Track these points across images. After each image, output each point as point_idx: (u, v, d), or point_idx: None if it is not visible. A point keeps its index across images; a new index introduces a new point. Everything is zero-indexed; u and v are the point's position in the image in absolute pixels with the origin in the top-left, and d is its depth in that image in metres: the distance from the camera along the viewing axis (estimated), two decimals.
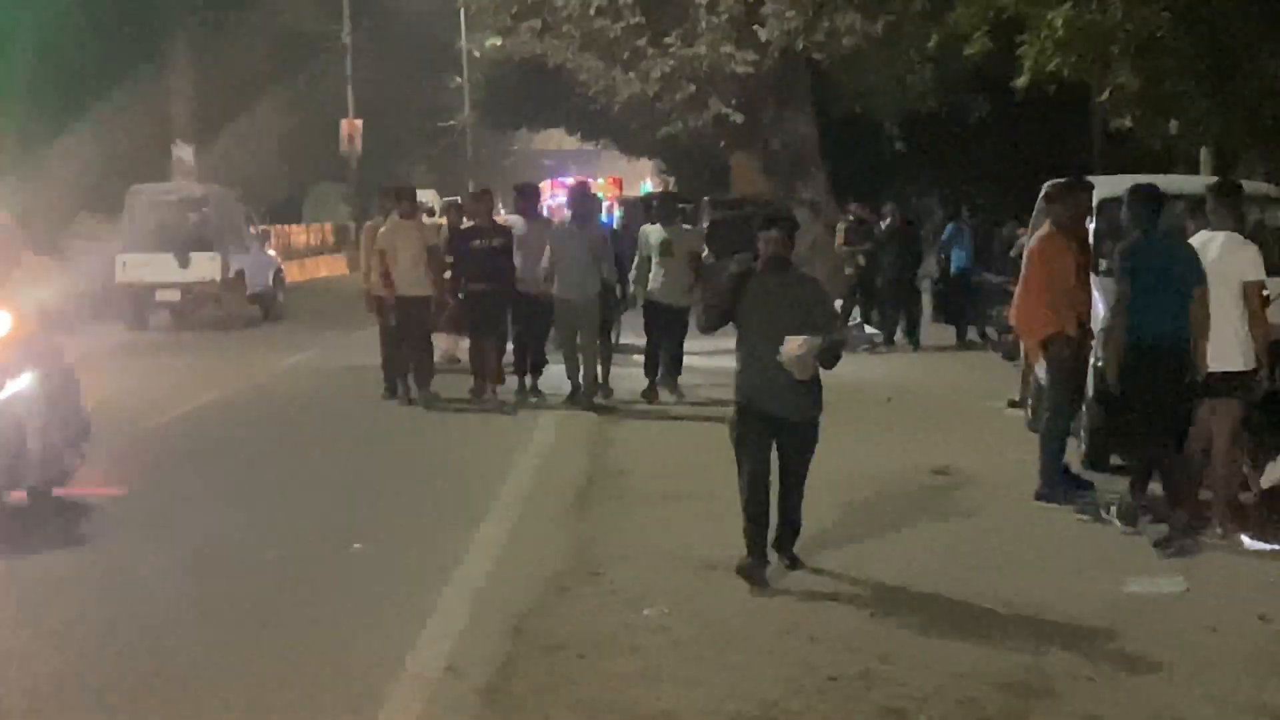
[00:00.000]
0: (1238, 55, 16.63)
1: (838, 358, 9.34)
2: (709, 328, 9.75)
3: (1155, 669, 7.73)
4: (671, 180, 60.91)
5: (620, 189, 61.32)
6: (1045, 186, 13.15)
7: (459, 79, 69.01)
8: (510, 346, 18.08)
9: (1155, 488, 10.99)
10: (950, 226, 24.67)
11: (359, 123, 52.07)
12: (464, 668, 7.71)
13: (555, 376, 17.46)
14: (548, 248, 16.65)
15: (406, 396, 17.43)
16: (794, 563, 9.64)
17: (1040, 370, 12.99)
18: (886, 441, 14.73)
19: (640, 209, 27.31)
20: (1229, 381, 10.75)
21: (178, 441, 15.58)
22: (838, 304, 24.90)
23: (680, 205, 21.79)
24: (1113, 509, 11.15)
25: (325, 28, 53.28)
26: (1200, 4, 16.46)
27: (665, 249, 17.26)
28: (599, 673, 7.66)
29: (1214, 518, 10.78)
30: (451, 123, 70.80)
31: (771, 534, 9.46)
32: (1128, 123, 18.95)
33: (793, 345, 8.99)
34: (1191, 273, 10.76)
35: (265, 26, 54.51)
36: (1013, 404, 16.56)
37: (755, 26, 26.70)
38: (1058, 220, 12.09)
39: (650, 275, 17.40)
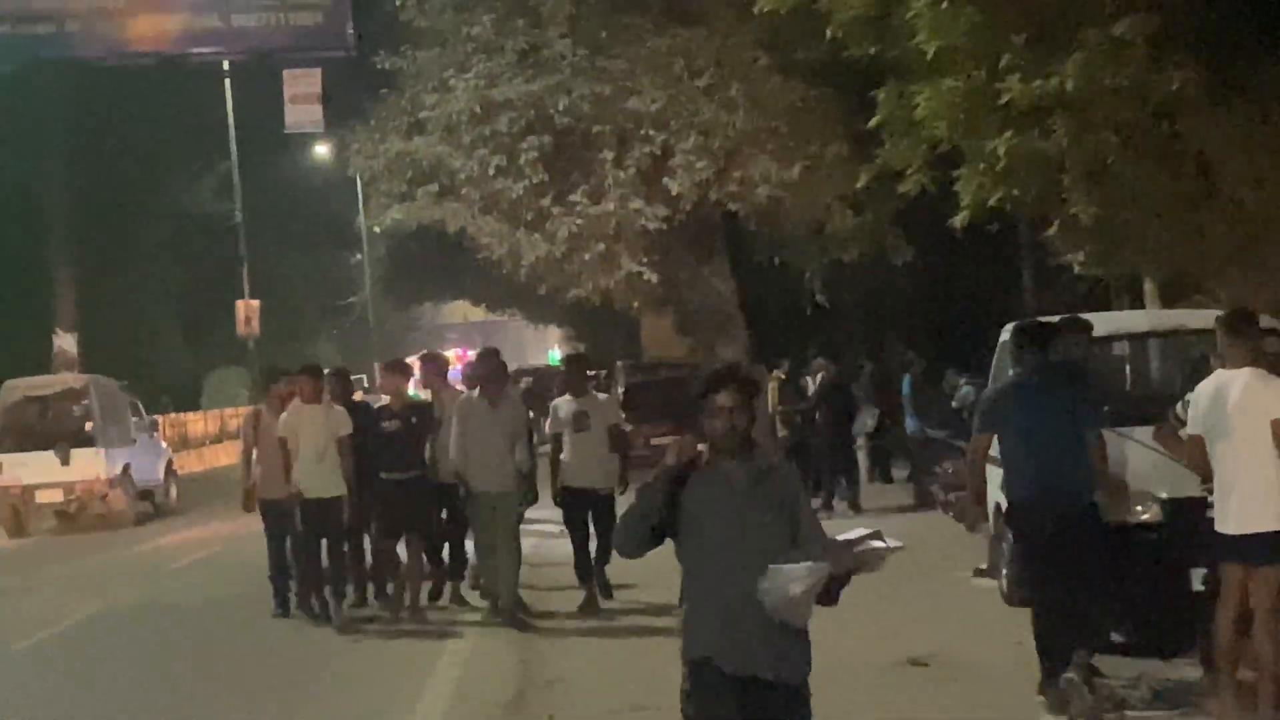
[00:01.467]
0: (1206, 177, 15.23)
1: (843, 585, 6.50)
2: (633, 549, 6.49)
3: None
4: (581, 347, 59.72)
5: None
6: (1016, 329, 11.54)
7: (359, 255, 67.68)
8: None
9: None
10: (907, 379, 23.19)
11: (256, 303, 50.23)
12: None
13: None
14: (453, 428, 14.38)
15: (325, 613, 15.03)
16: None
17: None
18: (845, 623, 12.91)
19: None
20: (1267, 543, 9.13)
21: (52, 664, 14.11)
22: None
23: (591, 373, 20.19)
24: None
25: (220, 207, 52.09)
26: (1158, 123, 15.06)
27: (579, 422, 15.00)
28: None
29: (1262, 701, 9.13)
30: (353, 299, 69.34)
31: None
32: (1080, 258, 17.51)
33: (791, 582, 6.21)
34: (1086, 415, 10.00)
35: (160, 207, 53.37)
36: (980, 572, 14.91)
37: (665, 180, 25.21)
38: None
39: (564, 456, 15.08)
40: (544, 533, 18.54)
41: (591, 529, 14.90)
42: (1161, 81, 14.52)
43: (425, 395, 16.13)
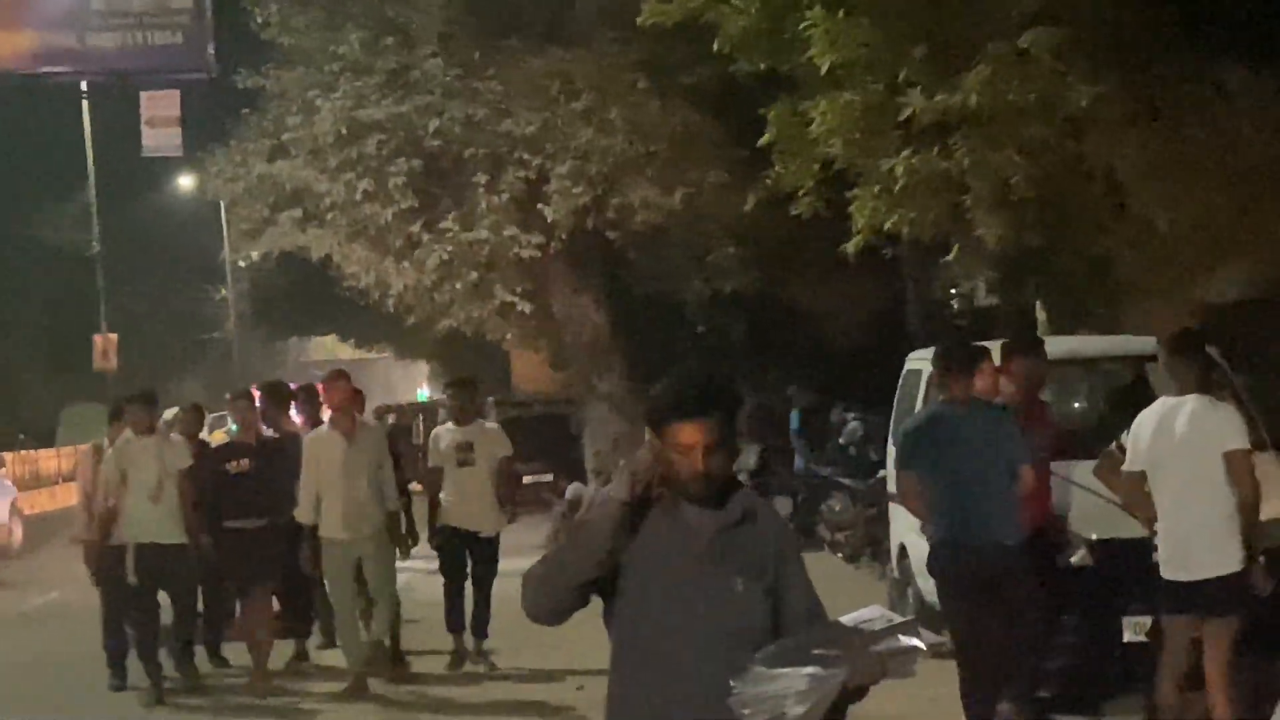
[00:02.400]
0: (1116, 198, 14.38)
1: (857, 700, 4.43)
2: (550, 612, 4.54)
3: None
4: (459, 376, 58.45)
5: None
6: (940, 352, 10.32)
7: (224, 290, 66.04)
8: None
9: None
10: (795, 414, 22.22)
11: (114, 337, 48.49)
12: None
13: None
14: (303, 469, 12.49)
15: (157, 690, 12.70)
16: None
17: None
18: None
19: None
20: (1223, 589, 8.19)
21: None
22: None
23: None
24: None
25: (80, 236, 50.46)
26: (1065, 141, 14.18)
27: (464, 454, 13.30)
28: None
29: None
30: (217, 334, 67.65)
31: None
32: (981, 283, 16.63)
33: (784, 697, 4.17)
34: (1015, 448, 9.05)
35: (16, 237, 51.72)
36: None
37: (540, 206, 24.21)
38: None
39: (444, 494, 13.37)
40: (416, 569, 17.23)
41: (470, 577, 13.34)
42: (1070, 97, 13.67)
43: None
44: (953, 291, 16.42)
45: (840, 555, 18.83)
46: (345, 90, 24.45)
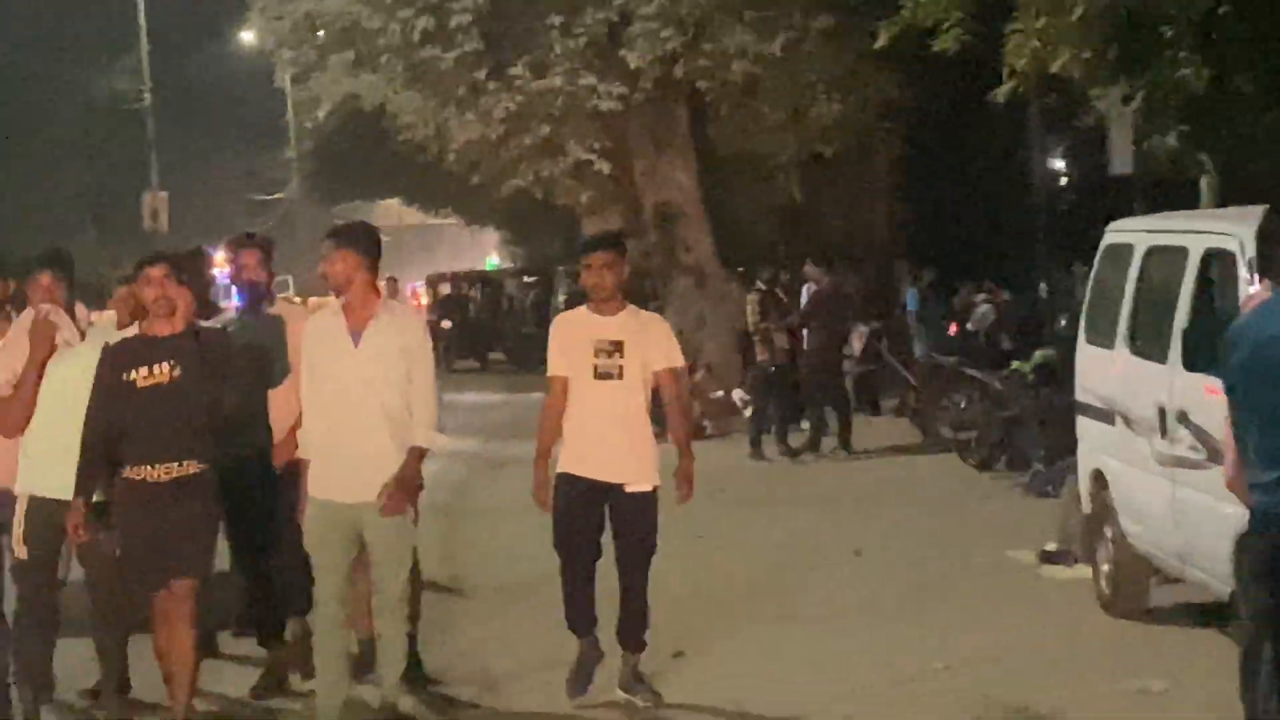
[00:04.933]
0: None
1: None
2: None
3: None
4: (520, 252, 56.02)
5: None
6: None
7: (289, 151, 63.80)
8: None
9: None
10: (913, 294, 19.40)
11: (164, 195, 46.39)
12: None
13: None
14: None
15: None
16: None
17: None
18: (884, 643, 9.18)
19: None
20: None
21: None
22: (740, 397, 19.77)
23: (529, 278, 16.28)
24: None
25: (132, 88, 48.36)
26: None
27: (607, 360, 7.96)
28: None
29: None
30: (278, 196, 65.28)
31: None
32: (1171, 140, 13.72)
33: None
34: None
35: (66, 93, 49.75)
36: (1048, 556, 11.09)
37: (622, 52, 21.47)
38: None
39: (567, 422, 8.10)
40: None
41: (615, 548, 8.19)
42: None
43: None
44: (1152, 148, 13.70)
45: (970, 461, 16.06)
46: None
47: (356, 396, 7.35)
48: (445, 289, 43.88)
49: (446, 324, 40.25)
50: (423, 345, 7.58)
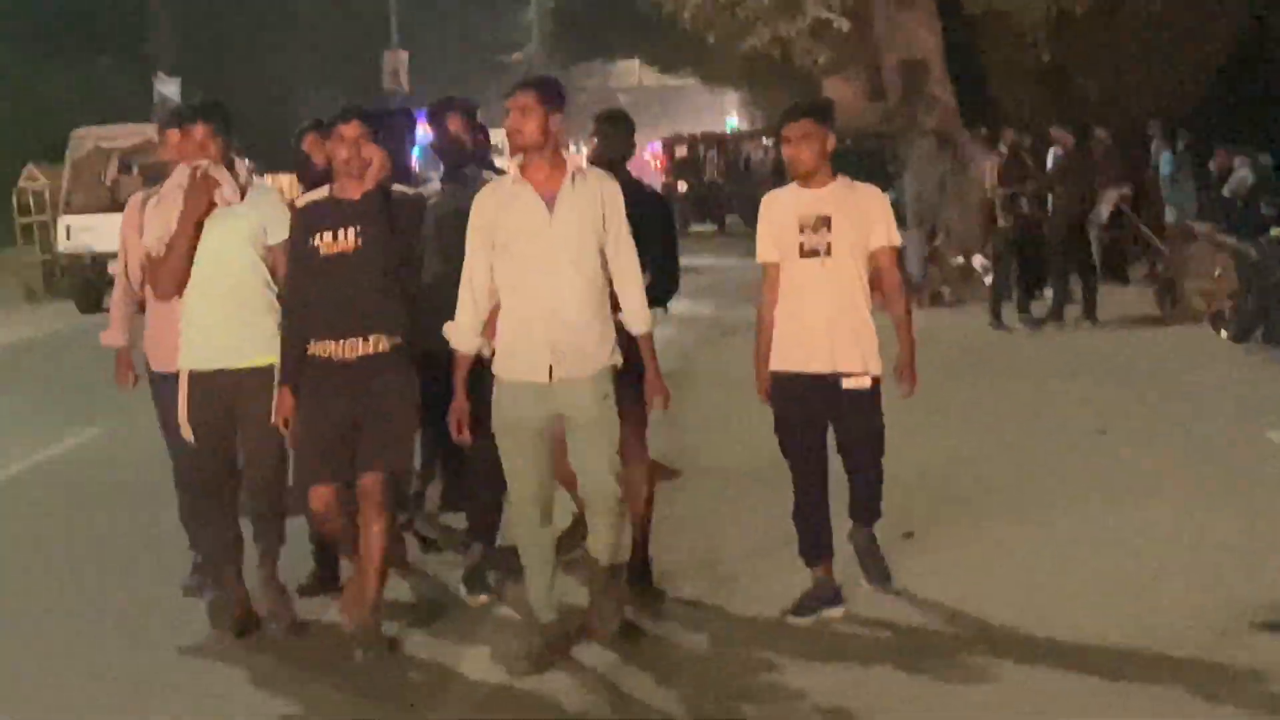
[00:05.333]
0: None
1: None
2: None
3: None
4: (759, 114, 55.22)
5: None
6: None
7: (529, 13, 63.77)
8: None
9: None
10: (1167, 157, 18.49)
11: (404, 55, 46.57)
12: None
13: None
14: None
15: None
16: None
17: None
18: (1127, 531, 8.62)
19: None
20: None
21: None
22: (981, 264, 19.09)
23: (767, 140, 15.68)
24: None
25: None
26: None
27: (815, 237, 7.19)
28: None
29: None
30: (517, 56, 65.27)
31: None
32: None
33: None
34: None
35: None
36: None
37: None
38: None
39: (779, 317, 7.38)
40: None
41: (836, 439, 7.44)
42: None
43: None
44: None
45: (1223, 333, 15.28)
46: None
47: (557, 270, 6.56)
48: (682, 151, 43.34)
49: (683, 186, 39.88)
50: (623, 215, 6.69)
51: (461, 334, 6.76)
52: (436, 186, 8.05)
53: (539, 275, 6.57)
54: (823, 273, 7.17)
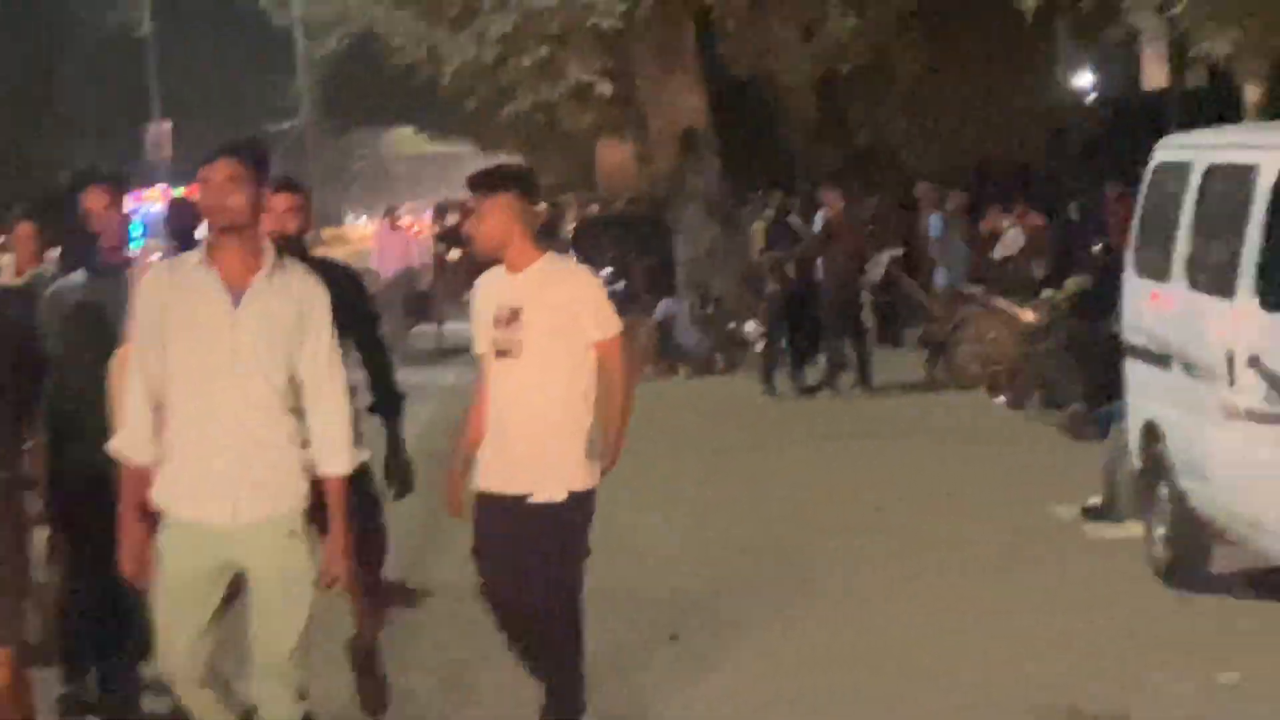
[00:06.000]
0: None
1: None
2: None
3: None
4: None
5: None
6: None
7: (297, 81, 62.96)
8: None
9: None
10: (936, 218, 18.28)
11: (167, 125, 45.58)
12: None
13: None
14: None
15: None
16: None
17: None
18: (906, 629, 8.06)
19: None
20: None
21: None
22: (752, 330, 18.71)
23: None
24: None
25: (129, 16, 47.63)
26: None
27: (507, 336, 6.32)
28: None
29: None
30: (287, 125, 64.33)
31: None
32: (1222, 48, 12.65)
33: None
34: None
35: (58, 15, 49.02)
36: (1091, 512, 9.97)
37: None
38: None
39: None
40: None
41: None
42: None
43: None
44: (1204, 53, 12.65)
45: (1002, 400, 15.05)
46: None
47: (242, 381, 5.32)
48: (452, 219, 42.63)
49: (454, 255, 39.11)
50: (328, 321, 5.44)
51: (134, 442, 5.39)
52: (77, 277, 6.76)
53: (219, 385, 5.32)
54: (512, 374, 6.16)
